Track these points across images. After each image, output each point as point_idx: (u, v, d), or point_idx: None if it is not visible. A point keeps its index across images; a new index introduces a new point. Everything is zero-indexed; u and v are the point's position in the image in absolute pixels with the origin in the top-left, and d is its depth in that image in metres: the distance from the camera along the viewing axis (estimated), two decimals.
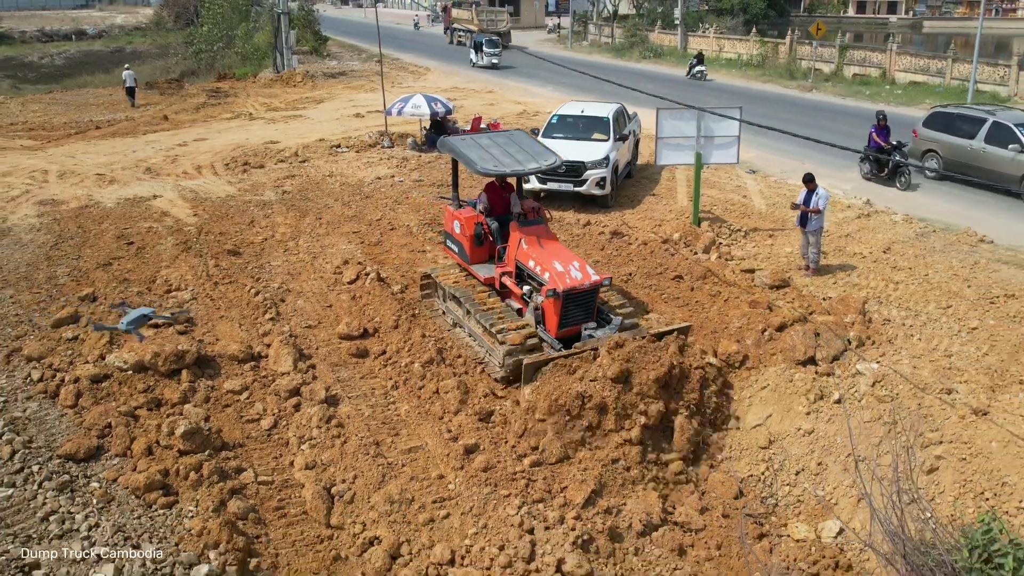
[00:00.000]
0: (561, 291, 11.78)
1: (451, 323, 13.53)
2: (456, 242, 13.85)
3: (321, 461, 10.29)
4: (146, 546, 8.80)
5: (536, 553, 9.03)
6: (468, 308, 12.84)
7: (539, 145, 13.94)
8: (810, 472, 10.64)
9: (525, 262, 12.59)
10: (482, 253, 13.48)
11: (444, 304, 13.89)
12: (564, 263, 12.20)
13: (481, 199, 13.65)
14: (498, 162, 12.81)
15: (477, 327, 12.76)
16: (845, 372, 11.90)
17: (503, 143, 13.59)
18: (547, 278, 12.03)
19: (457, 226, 13.67)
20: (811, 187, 14.66)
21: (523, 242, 12.63)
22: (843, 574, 9.43)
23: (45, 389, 11.15)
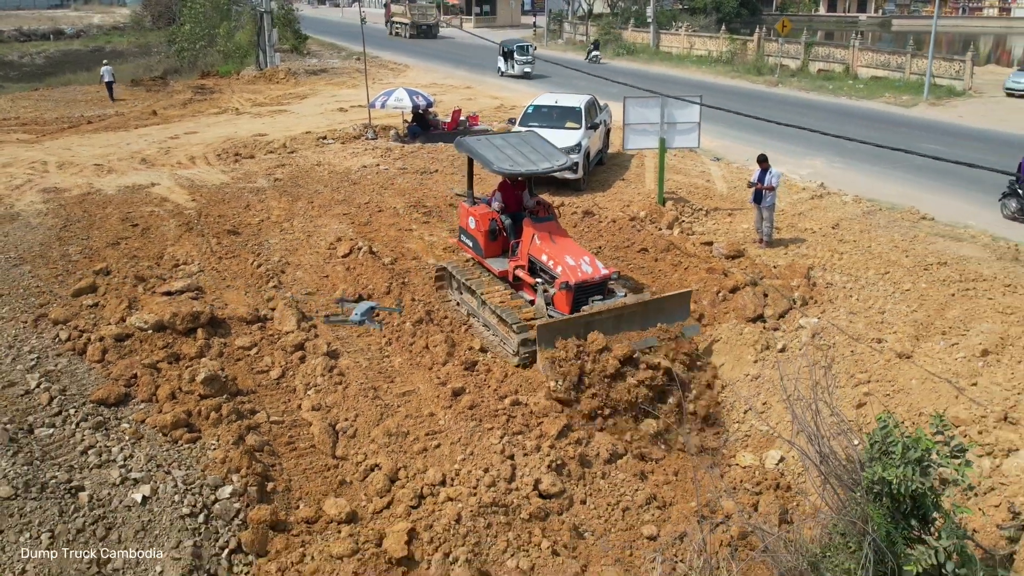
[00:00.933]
0: (573, 284, 12.68)
1: (465, 313, 14.32)
2: (471, 237, 14.54)
3: (325, 404, 11.66)
4: (176, 472, 10.13)
5: (516, 475, 10.44)
6: (483, 299, 13.60)
7: (550, 146, 14.78)
8: (756, 411, 12.11)
9: (538, 256, 13.40)
10: (496, 248, 14.23)
11: (458, 296, 14.63)
12: (575, 257, 13.14)
13: (496, 197, 14.42)
14: (513, 162, 13.65)
15: (492, 316, 13.52)
16: (789, 327, 13.40)
17: (517, 144, 14.41)
18: (559, 271, 12.89)
19: (472, 222, 14.38)
20: (764, 167, 16.14)
21: (536, 237, 13.45)
22: (783, 493, 10.87)
23: (73, 347, 12.39)
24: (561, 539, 9.87)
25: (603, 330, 12.30)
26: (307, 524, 9.85)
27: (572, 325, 12.25)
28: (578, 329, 12.24)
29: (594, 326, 12.30)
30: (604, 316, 12.41)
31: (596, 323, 12.32)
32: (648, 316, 12.78)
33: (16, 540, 9.06)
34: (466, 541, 9.53)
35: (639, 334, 12.59)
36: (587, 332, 12.22)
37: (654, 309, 12.90)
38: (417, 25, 66.35)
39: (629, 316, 12.65)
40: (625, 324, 12.62)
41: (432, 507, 10.01)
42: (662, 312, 12.92)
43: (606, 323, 12.39)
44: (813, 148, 24.73)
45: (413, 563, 9.33)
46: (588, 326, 12.30)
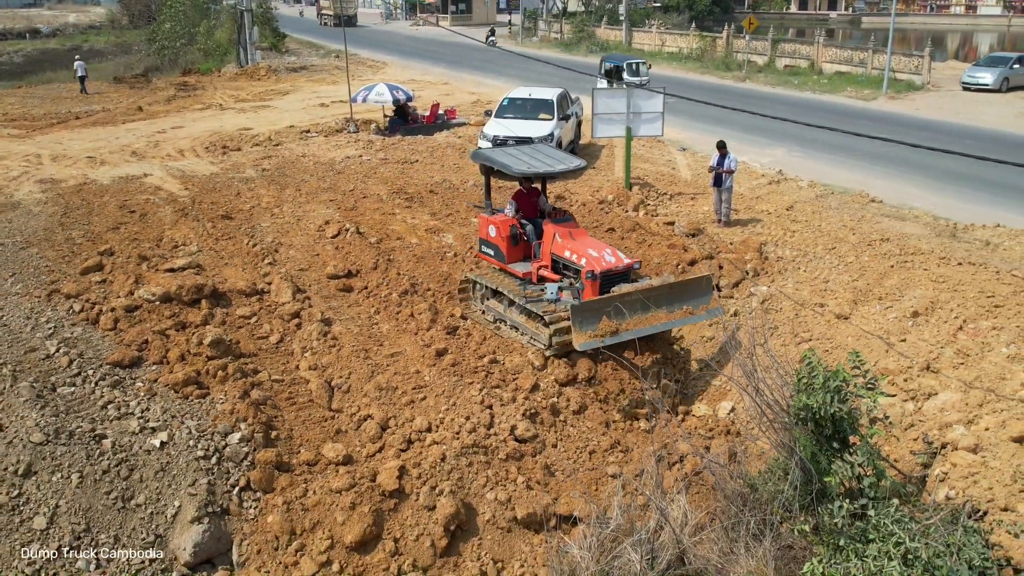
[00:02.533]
0: (599, 272, 13.17)
1: (492, 320, 14.59)
2: (492, 246, 14.78)
3: (321, 364, 12.86)
4: (188, 422, 11.30)
5: (494, 422, 11.69)
6: (511, 299, 13.96)
7: (560, 152, 15.60)
8: (710, 368, 13.41)
9: (561, 253, 13.81)
10: (518, 253, 14.55)
11: (483, 304, 14.86)
12: (598, 250, 13.69)
13: (511, 204, 14.77)
14: (530, 165, 14.14)
15: (520, 317, 13.90)
16: (741, 295, 14.73)
17: (529, 152, 15.07)
18: (584, 263, 13.35)
19: (493, 230, 14.67)
20: (723, 152, 17.50)
21: (557, 236, 13.89)
22: (732, 437, 12.18)
23: (87, 317, 13.50)
24: (535, 476, 11.13)
25: (631, 311, 12.84)
26: (308, 466, 11.04)
27: (603, 305, 12.74)
28: (608, 309, 12.75)
29: (623, 306, 12.80)
30: (632, 297, 12.91)
31: (626, 304, 12.83)
32: (673, 299, 13.32)
33: (49, 479, 10.21)
34: (450, 477, 10.76)
35: (667, 315, 13.22)
36: (617, 313, 12.76)
37: (679, 292, 13.42)
38: (339, 16, 77.31)
39: (655, 298, 13.16)
40: (652, 306, 13.12)
41: (419, 450, 11.24)
42: (686, 294, 13.47)
43: (634, 304, 12.90)
44: (775, 139, 26.17)
45: (404, 495, 10.55)
46: (618, 307, 12.79)
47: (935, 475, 10.08)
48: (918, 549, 7.77)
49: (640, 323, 12.88)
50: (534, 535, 10.58)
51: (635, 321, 12.85)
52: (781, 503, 9.12)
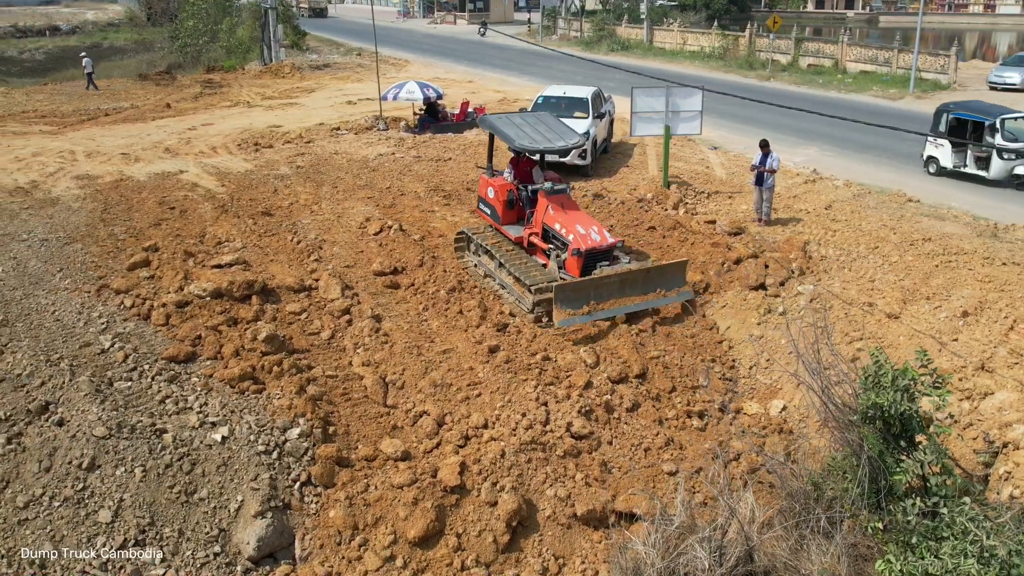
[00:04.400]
0: (584, 250, 14.08)
1: (482, 275, 15.60)
2: (489, 206, 15.90)
3: (374, 360, 12.93)
4: (247, 417, 11.38)
5: (550, 419, 11.75)
6: (501, 261, 14.98)
7: (563, 125, 16.28)
8: (760, 367, 13.44)
9: (552, 225, 14.72)
10: (512, 216, 15.58)
11: (476, 258, 15.90)
12: (586, 227, 14.52)
13: (509, 170, 15.75)
14: (532, 139, 15.08)
15: (508, 278, 14.89)
16: (788, 294, 14.74)
17: (533, 123, 15.87)
18: (571, 239, 14.23)
19: (491, 192, 15.74)
20: (766, 151, 17.49)
21: (550, 207, 14.76)
22: (785, 436, 12.19)
23: (138, 313, 13.60)
24: (592, 473, 11.18)
25: (609, 292, 13.99)
26: (367, 461, 11.11)
27: (584, 287, 13.83)
28: (589, 291, 13.84)
29: (602, 288, 13.95)
30: (611, 279, 13.99)
31: (604, 285, 13.96)
32: (649, 282, 14.36)
33: (113, 473, 10.29)
34: (510, 473, 10.82)
35: (642, 296, 14.28)
36: (597, 293, 13.82)
37: (655, 275, 14.47)
38: (312, 8, 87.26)
39: (632, 281, 14.21)
40: (629, 288, 14.23)
41: (477, 446, 11.29)
42: (662, 278, 14.48)
43: (612, 286, 14.03)
44: (807, 138, 26.12)
45: (465, 491, 10.61)
46: (598, 288, 13.92)
47: (999, 474, 10.08)
48: (995, 547, 7.77)
49: (616, 303, 14.06)
50: (593, 531, 10.63)
51: (612, 301, 14.02)
52: (849, 500, 9.14)
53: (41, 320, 13.21)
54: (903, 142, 26.92)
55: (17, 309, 13.48)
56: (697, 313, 14.69)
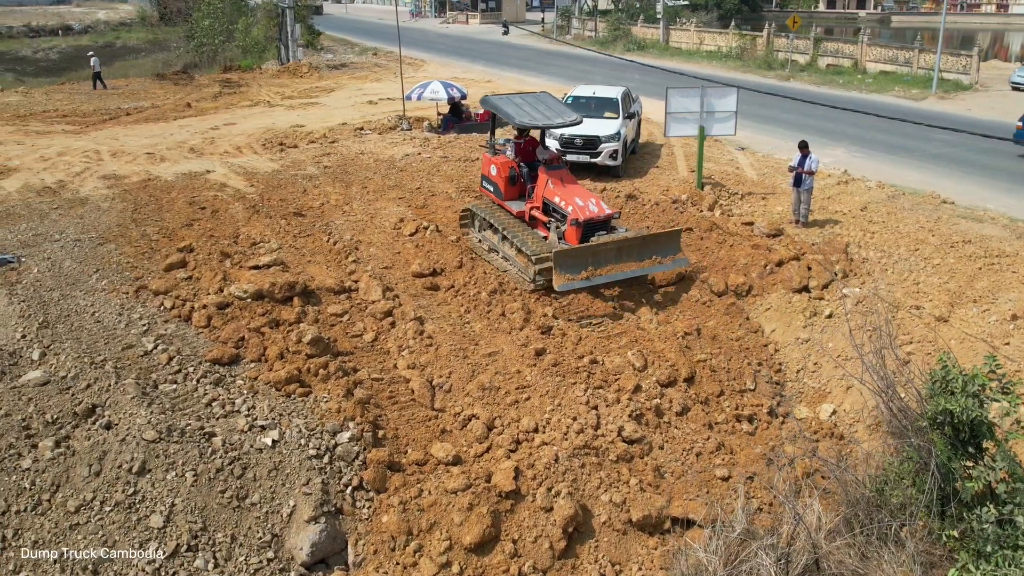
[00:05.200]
0: (582, 220, 14.72)
1: (487, 249, 16.21)
2: (492, 183, 16.71)
3: (420, 363, 12.80)
4: (296, 420, 11.26)
5: (601, 423, 11.61)
6: (504, 234, 15.57)
7: (561, 105, 17.13)
8: (808, 370, 13.28)
9: (551, 198, 15.42)
10: (514, 191, 16.32)
11: (480, 234, 16.60)
12: (584, 199, 15.23)
13: (510, 147, 16.58)
14: (532, 117, 15.86)
15: (511, 250, 15.48)
16: (833, 296, 14.58)
17: (533, 102, 16.72)
18: (570, 210, 14.89)
19: (494, 169, 16.51)
20: (805, 152, 17.32)
21: (549, 182, 15.48)
22: (836, 441, 12.04)
23: (179, 314, 13.49)
24: (646, 478, 11.03)
25: (606, 259, 14.58)
26: (418, 466, 10.98)
27: (583, 253, 14.40)
28: (588, 257, 14.43)
29: (600, 255, 14.53)
30: (608, 246, 14.56)
31: (602, 252, 14.54)
32: (645, 249, 14.93)
33: (164, 477, 10.18)
34: (565, 477, 10.68)
35: (638, 263, 14.86)
36: (595, 260, 14.43)
37: (651, 243, 15.03)
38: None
39: (629, 248, 14.82)
40: (625, 255, 14.81)
41: (529, 450, 11.16)
42: (657, 246, 15.04)
43: (610, 253, 14.60)
44: (833, 139, 25.92)
45: (520, 496, 10.48)
46: (596, 255, 14.50)
47: None
48: None
49: (613, 269, 14.62)
50: (649, 537, 10.48)
51: (609, 268, 14.57)
52: (917, 508, 8.99)
53: (81, 322, 13.13)
54: (931, 143, 26.79)
55: (56, 310, 13.40)
56: (741, 315, 14.54)
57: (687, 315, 14.40)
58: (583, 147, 20.97)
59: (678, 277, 15.37)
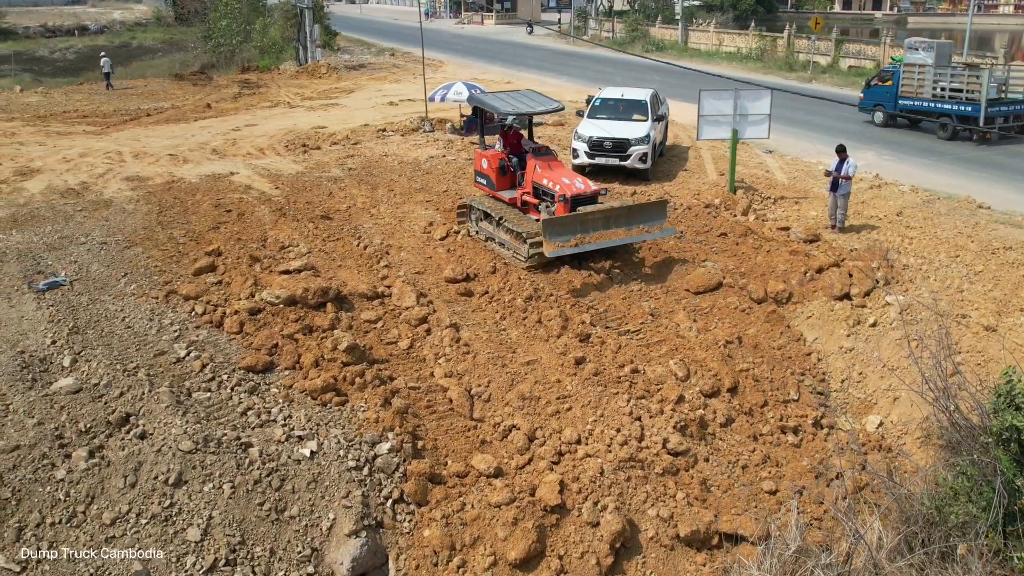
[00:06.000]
0: (569, 196, 15.43)
1: (484, 239, 16.74)
2: (485, 176, 17.36)
3: (457, 371, 12.55)
4: (334, 430, 11.01)
5: (645, 435, 11.33)
6: (498, 220, 16.17)
7: (543, 96, 17.85)
8: (852, 380, 12.98)
9: (540, 181, 16.15)
10: (506, 182, 16.98)
11: (477, 225, 17.11)
12: (570, 178, 16.04)
13: (499, 141, 17.34)
14: (516, 107, 16.72)
15: (506, 235, 16.04)
16: (875, 304, 14.26)
17: (517, 96, 17.78)
18: (557, 189, 15.63)
19: (485, 163, 17.22)
20: (843, 156, 17.01)
21: (537, 167, 16.25)
22: (885, 454, 11.73)
23: (210, 320, 13.27)
24: (693, 492, 10.75)
25: (594, 227, 15.12)
26: (459, 478, 10.73)
27: (571, 221, 14.97)
28: (576, 225, 14.99)
29: (588, 223, 15.06)
30: (596, 215, 15.19)
31: (590, 221, 15.08)
32: (632, 218, 15.51)
33: (201, 489, 9.95)
34: (611, 491, 10.41)
35: (625, 232, 15.41)
36: (583, 228, 14.97)
37: (637, 213, 15.63)
38: None
39: (616, 218, 15.39)
40: (613, 224, 15.35)
41: (572, 463, 10.89)
42: (643, 216, 15.62)
43: (597, 221, 15.18)
44: (862, 142, 25.55)
45: (565, 510, 10.21)
46: (584, 223, 15.03)
47: None
48: None
49: (602, 237, 15.19)
50: (697, 553, 10.21)
51: (598, 235, 15.13)
52: (981, 526, 8.68)
53: (112, 327, 12.93)
54: (961, 146, 26.40)
55: (86, 316, 13.21)
56: (782, 323, 14.24)
57: (727, 323, 14.10)
58: (612, 150, 20.69)
59: (715, 284, 15.06)
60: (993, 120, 26.29)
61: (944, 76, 27.42)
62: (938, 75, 27.50)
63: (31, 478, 9.82)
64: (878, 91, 29.77)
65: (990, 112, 26.08)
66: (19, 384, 11.22)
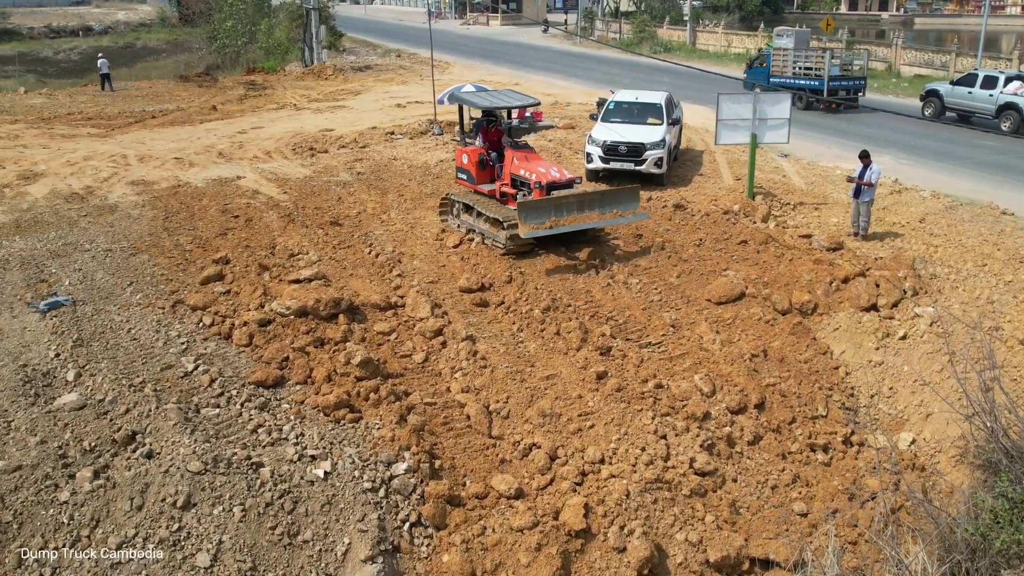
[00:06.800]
0: (545, 183, 16.04)
1: (465, 231, 17.16)
2: (465, 171, 17.83)
3: (474, 386, 12.12)
4: (348, 449, 10.59)
5: (671, 454, 10.89)
6: (478, 211, 16.64)
7: (521, 95, 18.70)
8: (883, 395, 12.54)
9: (517, 172, 16.70)
10: (485, 176, 17.49)
11: (458, 219, 17.51)
12: (546, 168, 16.66)
13: (479, 138, 17.85)
14: (492, 103, 17.50)
15: (485, 224, 16.52)
16: (904, 316, 13.81)
17: (496, 94, 18.73)
18: (533, 178, 16.23)
19: (465, 158, 17.77)
20: (866, 162, 16.58)
21: (515, 159, 16.84)
22: (919, 473, 11.29)
23: (219, 332, 12.85)
24: (722, 514, 10.32)
25: (568, 211, 15.66)
26: (478, 499, 10.29)
27: (545, 204, 15.50)
28: (550, 208, 15.50)
29: (563, 207, 15.63)
30: (570, 199, 15.78)
31: (564, 205, 15.66)
32: (606, 203, 16.09)
33: (210, 512, 9.53)
34: (638, 515, 9.97)
35: (599, 215, 15.98)
36: (558, 211, 15.52)
37: (610, 198, 16.25)
38: None
39: (591, 201, 15.99)
40: (588, 207, 15.90)
41: (596, 483, 10.45)
42: (616, 201, 16.20)
43: (572, 205, 15.73)
44: (878, 146, 25.06)
45: (590, 535, 9.78)
46: (559, 207, 15.57)
47: None
48: None
49: (576, 220, 15.74)
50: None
51: (572, 219, 15.67)
52: None
53: (117, 339, 12.53)
54: (980, 150, 25.99)
55: (90, 327, 12.81)
56: (808, 335, 13.79)
57: (751, 334, 13.66)
58: (627, 155, 20.27)
59: (737, 294, 14.61)
60: (836, 92, 32.71)
61: (800, 58, 33.98)
62: (796, 57, 34.08)
63: (33, 500, 9.40)
64: (757, 71, 36.09)
65: (832, 86, 32.62)
66: (21, 400, 10.82)
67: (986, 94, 29.62)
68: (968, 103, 30.35)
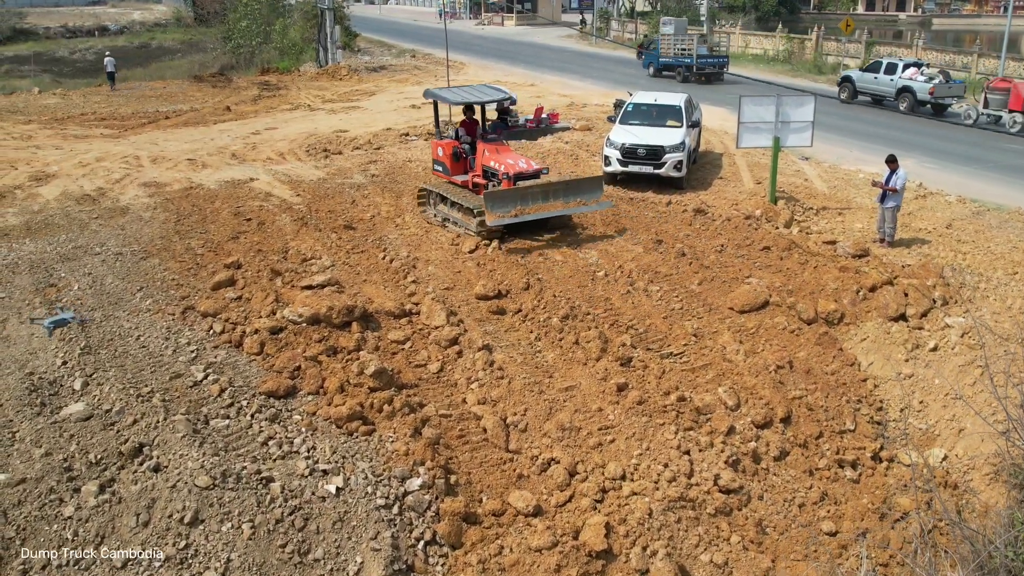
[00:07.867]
0: (512, 174, 16.76)
1: (440, 220, 17.92)
2: (440, 163, 18.64)
3: (491, 398, 11.77)
4: (361, 463, 10.27)
5: (695, 470, 10.52)
6: (452, 200, 17.42)
7: (495, 90, 19.55)
8: (913, 409, 12.12)
9: (488, 163, 17.45)
10: (460, 167, 18.28)
11: (435, 209, 18.24)
12: (515, 160, 17.37)
13: (455, 131, 18.82)
14: (463, 97, 18.36)
15: (458, 213, 17.29)
16: (934, 326, 13.39)
17: (470, 89, 19.52)
18: (502, 169, 16.93)
19: (440, 151, 18.57)
20: (893, 167, 16.14)
21: (486, 151, 17.61)
22: (951, 491, 10.88)
23: (229, 339, 12.55)
24: (748, 534, 9.95)
25: (534, 200, 16.44)
26: (495, 516, 9.95)
27: (512, 194, 16.29)
28: (516, 197, 16.28)
29: (528, 196, 16.40)
30: (535, 189, 16.57)
31: (529, 194, 16.43)
32: (570, 192, 16.88)
33: (219, 529, 9.22)
34: (661, 535, 9.61)
35: (563, 204, 16.76)
36: (523, 200, 16.29)
37: (573, 187, 17.02)
38: None
39: (555, 191, 16.78)
40: (552, 197, 16.69)
41: (616, 501, 10.10)
42: (580, 190, 16.99)
43: (536, 195, 16.53)
44: (902, 149, 24.52)
45: (611, 556, 9.42)
46: (524, 196, 16.35)
47: None
48: None
49: (541, 208, 16.55)
50: None
51: (537, 207, 16.50)
52: None
53: (126, 347, 12.25)
54: (1005, 153, 25.51)
55: (99, 334, 12.54)
56: (835, 346, 13.38)
57: (775, 345, 13.25)
58: (646, 158, 19.88)
59: (761, 303, 14.20)
60: (704, 68, 41.62)
61: (679, 42, 42.52)
62: (676, 40, 42.59)
63: (37, 515, 9.13)
64: (650, 55, 44.73)
65: (699, 63, 41.49)
66: (27, 410, 10.55)
67: (888, 79, 34.15)
68: (874, 87, 34.88)
